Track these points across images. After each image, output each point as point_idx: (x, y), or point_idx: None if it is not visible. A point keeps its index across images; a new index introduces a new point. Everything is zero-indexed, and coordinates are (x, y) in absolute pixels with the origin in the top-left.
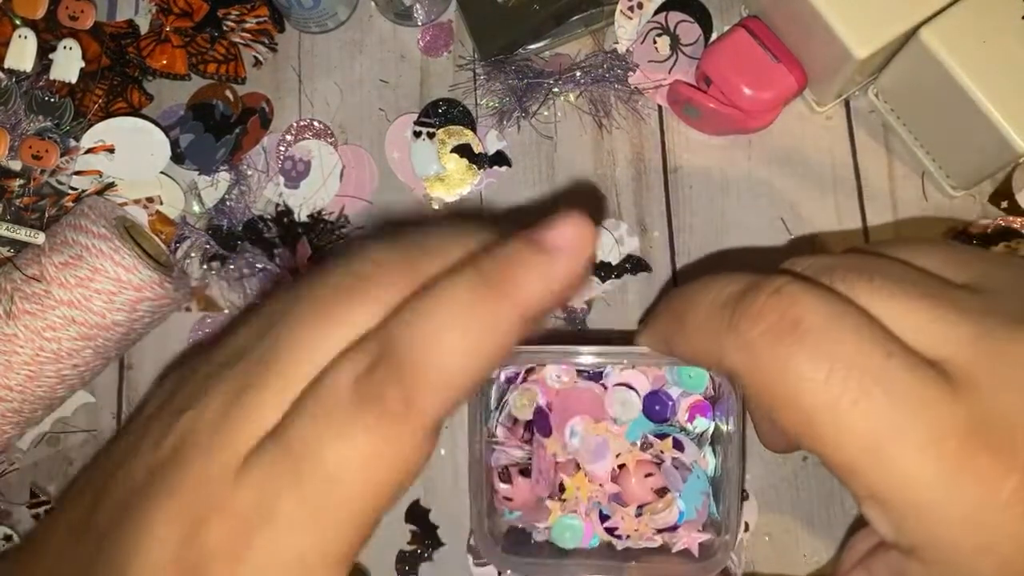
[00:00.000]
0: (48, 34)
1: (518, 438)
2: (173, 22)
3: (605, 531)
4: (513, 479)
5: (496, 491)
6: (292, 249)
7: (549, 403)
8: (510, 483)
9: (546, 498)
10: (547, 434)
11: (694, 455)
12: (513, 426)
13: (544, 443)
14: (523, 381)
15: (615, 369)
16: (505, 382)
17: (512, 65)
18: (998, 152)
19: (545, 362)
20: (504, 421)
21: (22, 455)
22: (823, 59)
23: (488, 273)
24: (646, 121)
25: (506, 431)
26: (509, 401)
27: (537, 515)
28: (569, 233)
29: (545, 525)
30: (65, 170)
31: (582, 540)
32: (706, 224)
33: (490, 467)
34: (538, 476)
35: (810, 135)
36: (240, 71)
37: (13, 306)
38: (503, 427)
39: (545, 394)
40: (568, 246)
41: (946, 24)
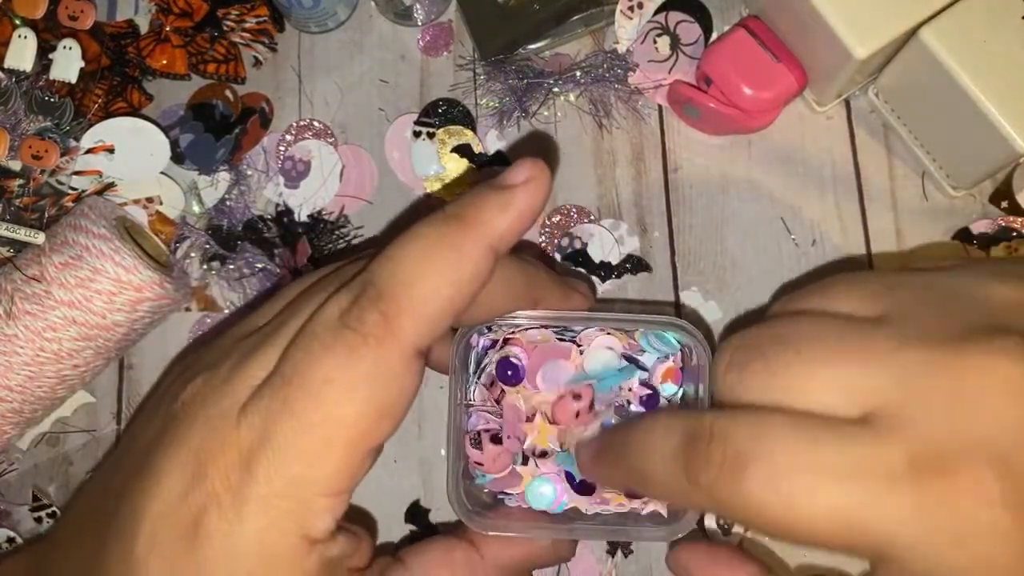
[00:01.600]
0: (48, 34)
1: (493, 399)
2: (173, 22)
3: (576, 493)
4: (484, 445)
5: (466, 456)
6: (292, 249)
7: (523, 359)
8: (480, 448)
9: (518, 464)
10: (513, 384)
11: None
12: (490, 387)
13: (510, 394)
14: (502, 346)
15: (592, 332)
16: (483, 350)
17: (512, 65)
18: (998, 152)
19: (523, 326)
20: (484, 381)
21: (22, 455)
22: (823, 59)
23: (453, 212)
24: (646, 121)
25: (483, 392)
26: (487, 364)
27: (509, 481)
28: (524, 171)
29: (517, 490)
30: (65, 170)
31: (552, 504)
32: (706, 224)
33: (465, 432)
34: (508, 434)
35: (810, 135)
36: (240, 71)
37: (13, 306)
38: (481, 387)
39: (523, 352)
40: (524, 181)
41: (946, 24)
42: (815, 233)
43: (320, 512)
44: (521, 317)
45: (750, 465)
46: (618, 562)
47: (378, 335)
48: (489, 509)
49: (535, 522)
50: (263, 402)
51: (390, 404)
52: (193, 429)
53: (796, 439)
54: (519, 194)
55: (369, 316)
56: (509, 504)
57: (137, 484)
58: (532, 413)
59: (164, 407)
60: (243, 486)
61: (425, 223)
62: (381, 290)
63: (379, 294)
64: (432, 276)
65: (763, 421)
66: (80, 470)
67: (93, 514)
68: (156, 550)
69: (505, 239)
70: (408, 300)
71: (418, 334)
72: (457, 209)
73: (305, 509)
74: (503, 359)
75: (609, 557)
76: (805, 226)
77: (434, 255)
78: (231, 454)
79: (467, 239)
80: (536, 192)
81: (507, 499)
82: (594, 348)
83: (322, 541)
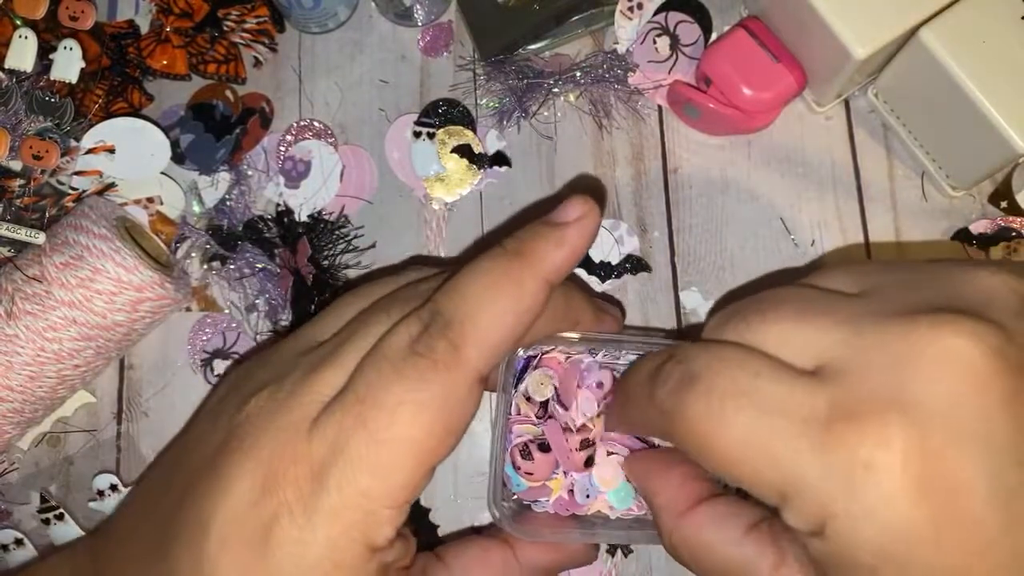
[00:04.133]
0: (48, 34)
1: (534, 415)
2: (173, 22)
3: None
4: (533, 454)
5: (517, 466)
6: (292, 249)
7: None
8: (531, 459)
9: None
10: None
11: None
12: (529, 401)
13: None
14: (538, 364)
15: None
16: (520, 367)
17: (512, 65)
18: (998, 152)
19: (561, 347)
20: (523, 395)
21: (22, 455)
22: (823, 59)
23: (513, 248)
24: (646, 121)
25: (522, 407)
26: (525, 383)
27: (540, 491)
28: (576, 209)
29: (548, 499)
30: (65, 170)
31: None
32: (706, 224)
33: (511, 444)
34: (559, 453)
35: (810, 135)
36: (240, 71)
37: (14, 307)
38: (520, 401)
39: (556, 371)
40: (576, 219)
41: (946, 24)
42: (814, 233)
43: (385, 523)
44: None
45: (697, 383)
46: (618, 562)
47: (447, 362)
48: (517, 515)
49: (562, 527)
50: (335, 417)
51: (455, 425)
52: (262, 440)
53: (741, 369)
54: (572, 231)
55: (439, 344)
56: (536, 510)
57: (204, 487)
58: (571, 425)
59: (226, 417)
60: (314, 496)
61: (487, 257)
62: (449, 320)
63: (447, 324)
64: (495, 308)
65: (721, 351)
66: (80, 470)
67: (153, 510)
68: (227, 552)
69: (560, 272)
70: (474, 330)
71: (482, 361)
72: (516, 245)
73: (372, 520)
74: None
75: (609, 557)
76: (804, 226)
77: (497, 288)
78: (302, 465)
79: (526, 273)
80: (587, 228)
81: (535, 505)
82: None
83: (382, 549)
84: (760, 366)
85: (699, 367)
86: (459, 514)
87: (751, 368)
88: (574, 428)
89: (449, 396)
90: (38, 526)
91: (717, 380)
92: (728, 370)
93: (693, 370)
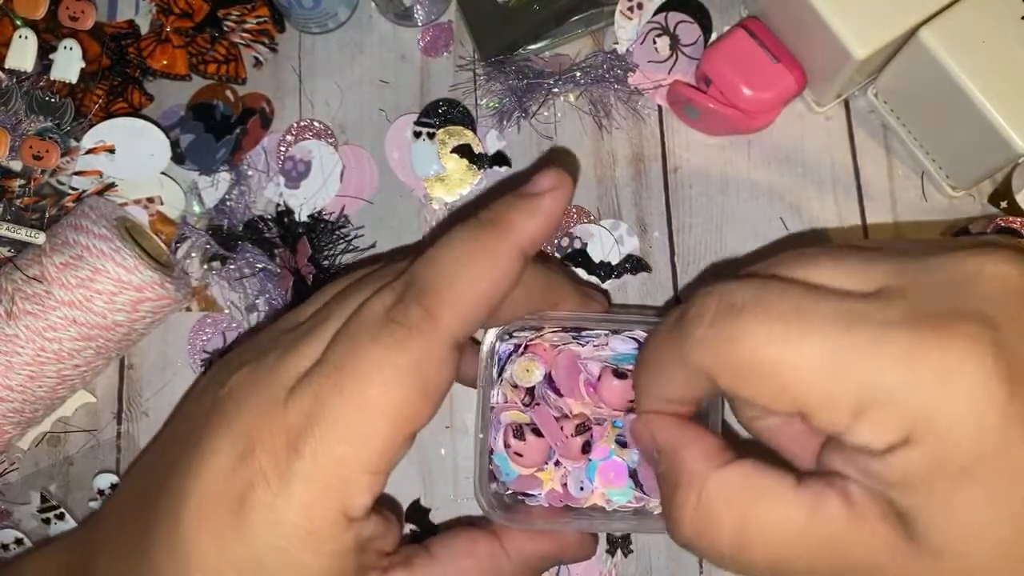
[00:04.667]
0: (48, 34)
1: (521, 401)
2: (173, 22)
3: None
4: (526, 436)
5: (508, 445)
6: (292, 249)
7: (553, 369)
8: (523, 440)
9: (542, 467)
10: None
11: None
12: (515, 389)
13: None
14: (523, 352)
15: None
16: (505, 355)
17: (512, 65)
18: (998, 152)
19: (544, 330)
20: (508, 388)
21: (22, 455)
22: (823, 59)
23: (487, 219)
24: (646, 121)
25: (509, 397)
26: (509, 371)
27: (531, 483)
28: (549, 180)
29: (538, 492)
30: (65, 170)
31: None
32: (706, 224)
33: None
34: (552, 438)
35: (810, 135)
36: (240, 71)
37: (14, 307)
38: (506, 390)
39: (542, 359)
40: (548, 189)
41: (946, 24)
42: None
43: (361, 491)
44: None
45: (745, 310)
46: (618, 562)
47: (422, 328)
48: (508, 510)
49: (554, 517)
50: (312, 386)
51: (432, 391)
52: (241, 412)
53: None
54: (544, 201)
55: (413, 311)
56: (530, 504)
57: (184, 463)
58: (566, 411)
59: (209, 395)
60: (290, 463)
61: (462, 228)
62: (424, 288)
63: (422, 291)
64: (470, 275)
65: (765, 281)
66: (81, 470)
67: (139, 493)
68: (203, 521)
69: (533, 242)
70: (448, 296)
71: (457, 327)
72: (490, 215)
73: (347, 487)
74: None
75: (609, 557)
76: (804, 226)
77: (471, 257)
78: (279, 433)
79: (500, 242)
80: (560, 199)
81: (528, 500)
82: (617, 340)
83: (359, 519)
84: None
85: (743, 296)
86: (459, 514)
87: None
88: (569, 414)
89: (425, 361)
90: (38, 526)
91: (771, 304)
92: (781, 293)
93: (735, 300)
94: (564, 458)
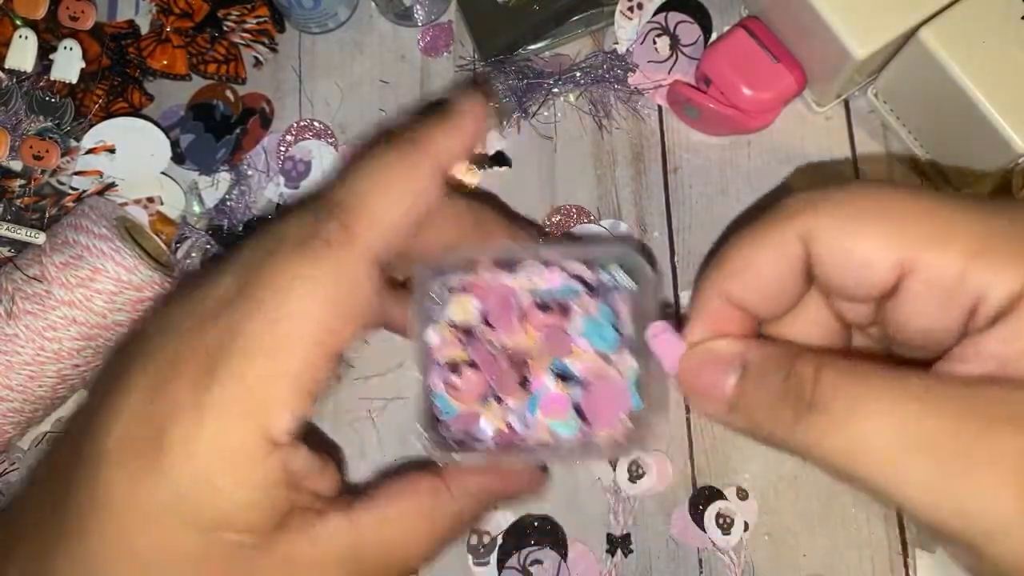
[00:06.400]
0: (49, 34)
1: (457, 340)
2: (173, 22)
3: None
4: (463, 370)
5: (445, 380)
6: None
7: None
8: (459, 375)
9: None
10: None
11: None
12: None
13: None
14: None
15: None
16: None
17: (512, 65)
18: (998, 152)
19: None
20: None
21: (22, 455)
22: (823, 59)
23: (404, 136)
24: (646, 121)
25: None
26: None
27: (472, 420)
28: (463, 101)
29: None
30: (66, 170)
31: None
32: (706, 224)
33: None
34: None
35: (810, 135)
36: (240, 71)
37: (14, 306)
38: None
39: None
40: (464, 110)
41: (946, 24)
42: None
43: (281, 410)
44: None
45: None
46: (618, 562)
47: (340, 240)
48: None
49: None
50: (230, 308)
51: (352, 305)
52: (160, 345)
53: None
54: (464, 120)
55: (331, 225)
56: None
57: (106, 404)
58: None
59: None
60: (208, 387)
61: (379, 148)
62: (341, 204)
63: (340, 207)
64: (387, 189)
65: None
66: None
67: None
68: (122, 462)
69: (450, 158)
70: (365, 210)
71: (376, 242)
72: (408, 134)
73: (266, 406)
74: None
75: (609, 557)
76: None
77: (388, 172)
78: (199, 357)
79: (418, 157)
80: (478, 119)
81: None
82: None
83: (284, 445)
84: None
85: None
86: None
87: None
88: (505, 349)
89: (343, 274)
90: None
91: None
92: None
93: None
94: (503, 393)
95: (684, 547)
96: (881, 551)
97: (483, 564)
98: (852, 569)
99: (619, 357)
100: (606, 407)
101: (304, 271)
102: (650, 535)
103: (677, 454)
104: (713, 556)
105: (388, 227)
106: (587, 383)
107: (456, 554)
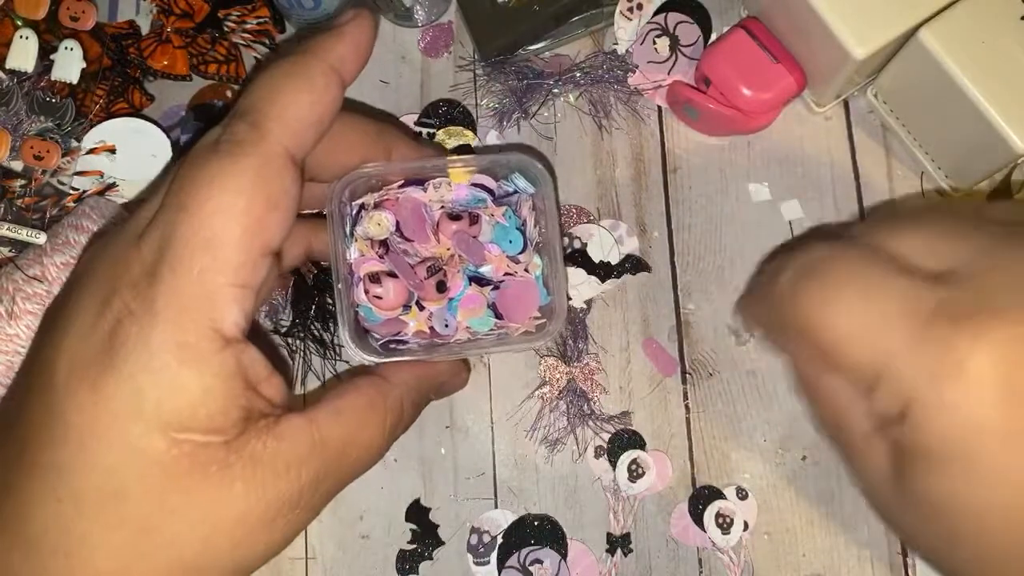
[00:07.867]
0: (49, 35)
1: (375, 253)
2: (174, 23)
3: None
4: (382, 280)
5: (367, 291)
6: None
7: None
8: (379, 284)
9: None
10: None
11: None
12: (370, 244)
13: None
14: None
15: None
16: (354, 214)
17: (512, 66)
18: (997, 152)
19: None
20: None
21: None
22: (822, 60)
23: (299, 48)
24: (646, 122)
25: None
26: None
27: (396, 325)
28: (349, 13)
29: (407, 336)
30: (66, 170)
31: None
32: (705, 224)
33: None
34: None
35: (809, 135)
36: (241, 72)
37: (15, 306)
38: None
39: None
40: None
41: (945, 24)
42: None
43: (227, 302)
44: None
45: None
46: (618, 562)
47: (252, 139)
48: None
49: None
50: (158, 218)
51: (275, 197)
52: (98, 269)
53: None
54: (349, 26)
55: (239, 128)
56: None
57: (53, 331)
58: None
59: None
60: (151, 287)
61: (276, 60)
62: (247, 109)
63: (246, 111)
64: (289, 91)
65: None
66: None
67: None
68: (75, 376)
69: (343, 61)
70: (272, 110)
71: (286, 137)
72: (301, 46)
73: (212, 299)
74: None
75: (609, 556)
76: (804, 226)
77: (287, 77)
78: (136, 266)
79: (314, 62)
80: (363, 25)
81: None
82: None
83: (235, 341)
84: (877, 261)
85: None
86: (459, 514)
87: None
88: (419, 257)
89: (261, 167)
90: None
91: (833, 269)
92: (844, 262)
93: (809, 262)
94: (424, 299)
95: (684, 547)
96: (881, 551)
97: (483, 564)
98: (852, 569)
99: (525, 256)
100: (518, 304)
101: (223, 171)
102: (650, 535)
103: (677, 454)
104: (713, 556)
105: (294, 122)
106: (499, 283)
107: (456, 554)
